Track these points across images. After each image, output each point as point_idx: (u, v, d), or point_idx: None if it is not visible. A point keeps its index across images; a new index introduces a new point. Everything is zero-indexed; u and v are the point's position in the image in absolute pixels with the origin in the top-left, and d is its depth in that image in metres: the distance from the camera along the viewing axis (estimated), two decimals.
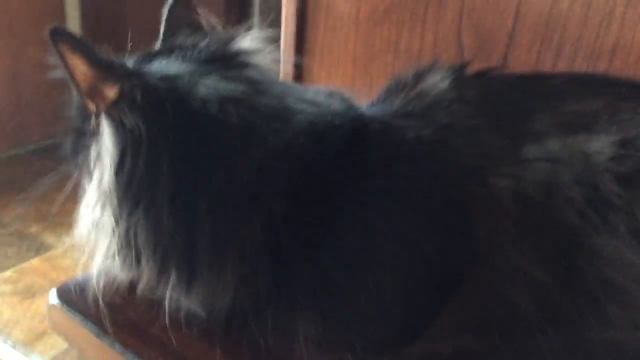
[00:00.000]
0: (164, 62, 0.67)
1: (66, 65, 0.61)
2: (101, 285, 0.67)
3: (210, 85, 0.64)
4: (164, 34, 0.74)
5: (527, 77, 0.73)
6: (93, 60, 0.61)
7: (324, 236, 0.61)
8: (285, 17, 1.04)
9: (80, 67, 0.61)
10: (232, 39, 0.71)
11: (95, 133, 0.64)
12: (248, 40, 0.72)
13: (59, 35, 0.60)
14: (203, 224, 0.61)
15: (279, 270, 0.61)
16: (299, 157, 0.62)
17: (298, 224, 0.61)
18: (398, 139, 0.65)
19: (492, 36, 0.90)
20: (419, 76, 0.72)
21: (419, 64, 0.75)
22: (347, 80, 1.03)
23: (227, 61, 0.69)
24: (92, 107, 0.64)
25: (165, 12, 0.74)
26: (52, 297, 0.72)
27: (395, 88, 0.73)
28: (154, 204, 0.61)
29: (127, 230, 0.62)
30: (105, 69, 0.62)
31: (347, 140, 0.63)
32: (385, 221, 0.61)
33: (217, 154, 0.62)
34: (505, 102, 0.68)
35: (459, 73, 0.71)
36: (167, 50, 0.70)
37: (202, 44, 0.70)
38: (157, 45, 0.74)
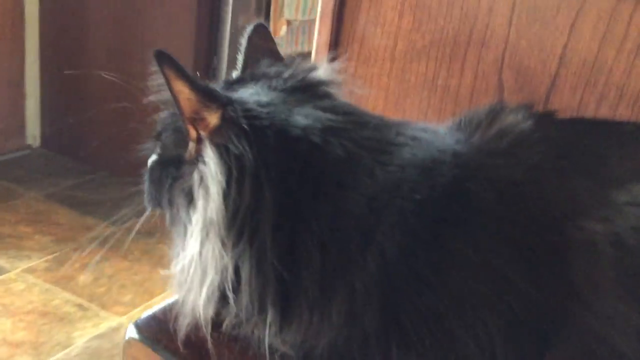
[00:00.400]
0: (250, 90, 0.65)
1: (171, 90, 0.59)
2: (196, 321, 0.62)
3: (307, 115, 0.62)
4: (244, 61, 0.72)
5: (598, 122, 0.74)
6: (195, 86, 0.59)
7: (434, 275, 0.59)
8: (318, 45, 1.03)
9: (184, 92, 0.59)
10: (313, 69, 0.70)
11: (195, 160, 0.61)
12: (323, 71, 0.71)
13: (164, 59, 0.58)
14: (310, 259, 0.58)
15: (389, 310, 0.59)
16: (410, 192, 0.60)
17: (410, 261, 0.59)
18: (493, 177, 0.64)
19: (534, 78, 0.92)
20: (494, 114, 0.72)
21: (494, 103, 0.75)
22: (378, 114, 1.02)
23: (313, 91, 0.67)
24: (193, 133, 0.61)
25: (244, 40, 0.72)
26: (131, 331, 0.67)
27: (467, 125, 0.73)
28: (258, 236, 0.58)
29: (229, 263, 0.59)
30: (208, 95, 0.60)
31: (452, 177, 0.62)
32: (487, 261, 0.60)
33: (322, 185, 0.60)
34: (584, 146, 0.69)
35: (539, 114, 0.71)
36: (251, 79, 0.68)
37: (286, 73, 0.68)
38: (238, 72, 0.72)
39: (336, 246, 0.59)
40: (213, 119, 0.60)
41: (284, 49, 2.56)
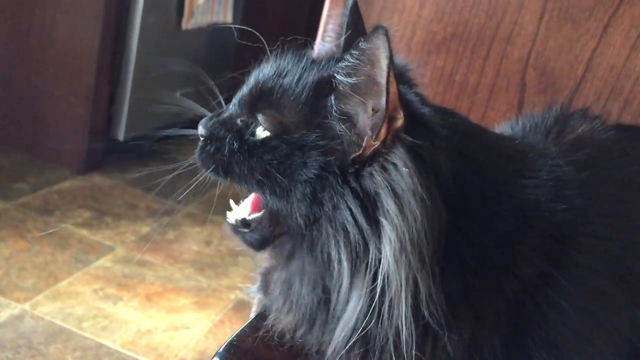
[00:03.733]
0: None
1: (388, 78, 0.51)
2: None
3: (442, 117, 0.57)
4: (347, 40, 0.63)
5: None
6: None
7: (571, 306, 0.55)
8: (325, 29, 0.95)
9: (394, 84, 0.52)
10: (409, 69, 0.65)
11: (371, 162, 0.54)
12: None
13: (388, 40, 0.50)
14: (449, 282, 0.53)
15: (515, 339, 0.55)
16: (550, 212, 0.56)
17: (548, 290, 0.55)
18: (592, 194, 0.61)
19: (559, 81, 0.90)
20: (563, 122, 0.69)
21: (555, 108, 0.72)
22: None
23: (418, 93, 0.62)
24: (384, 132, 0.53)
25: (347, 11, 0.63)
26: None
27: (533, 130, 0.70)
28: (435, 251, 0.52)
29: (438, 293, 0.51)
30: (401, 92, 0.53)
31: (579, 197, 0.58)
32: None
33: (472, 198, 0.55)
34: None
35: (613, 124, 0.69)
36: None
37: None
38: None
39: (474, 268, 0.53)
40: (400, 119, 0.53)
41: (199, 20, 2.42)
